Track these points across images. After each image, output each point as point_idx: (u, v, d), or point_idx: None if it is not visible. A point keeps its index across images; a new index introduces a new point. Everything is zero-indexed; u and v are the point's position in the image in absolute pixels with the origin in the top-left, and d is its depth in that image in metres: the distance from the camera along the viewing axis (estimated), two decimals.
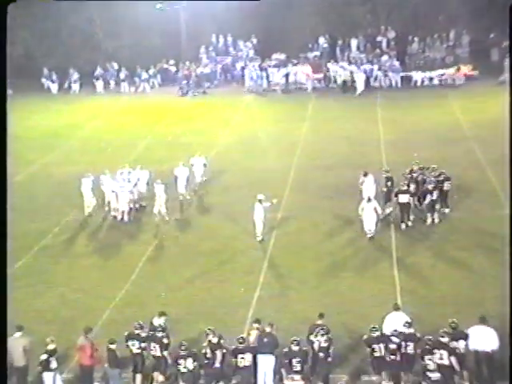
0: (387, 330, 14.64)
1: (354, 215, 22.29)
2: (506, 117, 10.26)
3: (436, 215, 21.97)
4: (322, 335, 14.27)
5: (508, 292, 8.96)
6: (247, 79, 42.16)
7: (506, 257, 10.93)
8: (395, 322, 14.77)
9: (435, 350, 13.62)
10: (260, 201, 21.04)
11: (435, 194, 21.81)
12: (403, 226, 21.62)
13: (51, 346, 14.35)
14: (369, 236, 21.02)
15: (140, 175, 24.31)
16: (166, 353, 14.48)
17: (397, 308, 15.29)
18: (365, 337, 14.22)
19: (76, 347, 14.72)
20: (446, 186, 22.26)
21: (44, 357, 14.22)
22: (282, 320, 16.55)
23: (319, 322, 14.84)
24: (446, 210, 22.47)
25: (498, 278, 17.45)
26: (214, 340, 14.25)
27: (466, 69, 40.03)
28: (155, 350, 14.48)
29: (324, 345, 14.21)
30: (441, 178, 22.33)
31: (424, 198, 21.84)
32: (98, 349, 14.60)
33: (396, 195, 21.78)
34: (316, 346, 14.32)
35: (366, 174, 23.03)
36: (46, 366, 14.22)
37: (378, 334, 14.03)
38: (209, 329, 14.44)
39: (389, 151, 28.72)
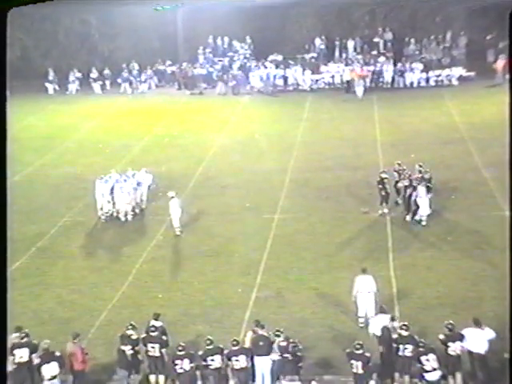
0: (373, 330, 14.86)
1: (352, 216, 22.30)
2: (505, 118, 10.24)
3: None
4: None
5: (507, 294, 8.95)
6: (252, 80, 42.17)
7: (505, 258, 10.88)
8: (381, 324, 14.85)
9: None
10: (172, 198, 21.92)
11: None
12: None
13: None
14: (361, 324, 16.30)
15: (142, 178, 24.17)
16: (163, 351, 14.40)
17: (383, 311, 15.30)
18: (348, 350, 14.00)
19: (66, 354, 14.46)
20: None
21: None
22: (279, 321, 16.54)
23: None
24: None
25: (495, 279, 17.52)
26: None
27: None
28: (154, 350, 14.36)
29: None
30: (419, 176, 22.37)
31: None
32: (88, 353, 14.52)
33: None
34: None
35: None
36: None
37: (361, 351, 13.67)
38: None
39: (386, 152, 28.73)
